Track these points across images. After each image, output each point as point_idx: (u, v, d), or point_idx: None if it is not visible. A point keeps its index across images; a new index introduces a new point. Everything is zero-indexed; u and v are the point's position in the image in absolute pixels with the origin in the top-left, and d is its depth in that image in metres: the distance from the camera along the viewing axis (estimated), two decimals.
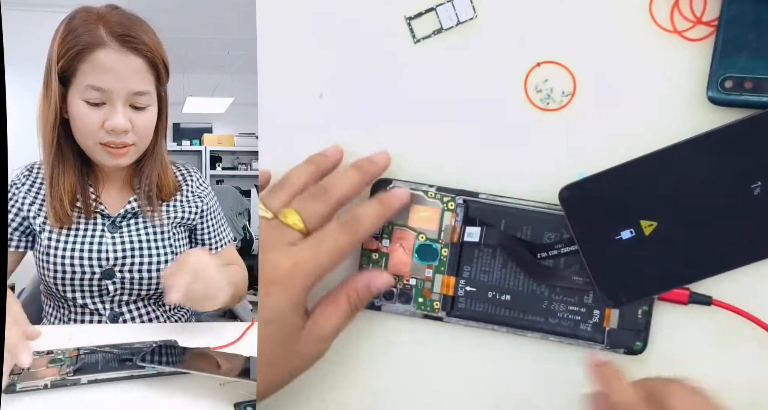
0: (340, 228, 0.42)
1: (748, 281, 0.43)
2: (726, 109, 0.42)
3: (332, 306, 0.43)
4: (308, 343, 0.42)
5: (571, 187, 0.43)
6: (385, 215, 0.44)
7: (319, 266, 0.41)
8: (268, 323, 0.40)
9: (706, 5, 0.43)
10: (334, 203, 0.43)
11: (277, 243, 0.41)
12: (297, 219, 0.42)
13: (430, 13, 0.45)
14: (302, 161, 0.45)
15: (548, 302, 0.44)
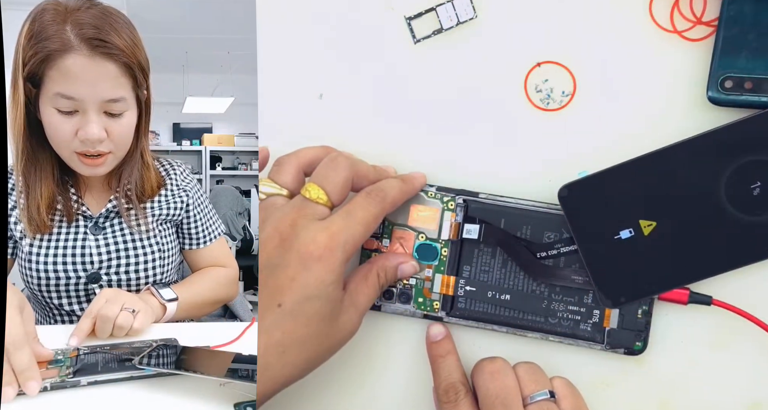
0: (368, 198, 0.42)
1: (748, 281, 0.43)
2: (726, 109, 0.42)
3: (363, 282, 0.43)
4: (348, 316, 0.41)
5: (571, 186, 0.43)
6: (407, 191, 0.44)
7: (354, 237, 0.40)
8: (311, 298, 0.39)
9: (706, 5, 0.43)
10: (350, 173, 0.42)
11: (305, 219, 0.40)
12: (321, 193, 0.41)
13: (430, 13, 0.45)
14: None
15: (548, 302, 0.44)
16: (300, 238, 0.39)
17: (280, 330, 0.39)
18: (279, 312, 0.39)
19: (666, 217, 0.41)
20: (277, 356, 0.39)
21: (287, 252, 0.39)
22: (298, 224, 0.40)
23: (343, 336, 0.42)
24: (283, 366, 0.40)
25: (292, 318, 0.39)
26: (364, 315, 0.43)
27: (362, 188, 0.43)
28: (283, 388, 0.41)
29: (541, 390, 0.41)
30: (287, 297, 0.39)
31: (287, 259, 0.39)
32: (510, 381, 0.42)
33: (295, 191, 0.43)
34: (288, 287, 0.39)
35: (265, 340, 0.39)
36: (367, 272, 0.43)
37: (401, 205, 0.44)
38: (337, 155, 0.43)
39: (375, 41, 0.46)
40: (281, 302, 0.39)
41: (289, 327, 0.39)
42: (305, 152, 0.44)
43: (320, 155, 0.43)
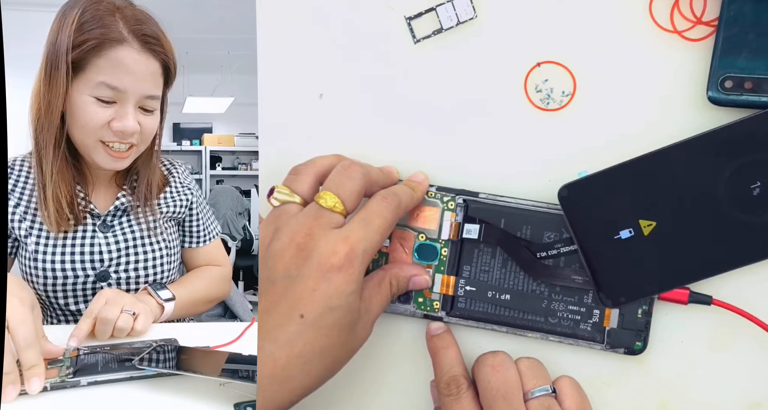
0: (382, 203, 0.41)
1: (748, 281, 0.43)
2: (726, 109, 0.42)
3: (376, 290, 0.43)
4: (365, 326, 0.41)
5: (570, 186, 0.43)
6: (417, 198, 0.44)
7: (372, 246, 0.40)
8: (333, 308, 0.38)
9: (706, 5, 0.43)
10: (365, 182, 0.42)
11: (323, 229, 0.40)
12: (337, 201, 0.41)
13: (430, 13, 0.45)
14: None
15: (548, 302, 0.44)
16: (319, 248, 0.39)
17: (303, 340, 0.38)
18: (301, 322, 0.38)
19: (666, 217, 0.41)
20: (299, 367, 0.38)
21: (306, 262, 0.39)
22: (316, 233, 0.39)
23: (359, 344, 0.42)
24: (304, 377, 0.39)
25: (315, 328, 0.38)
26: (375, 323, 0.43)
27: (373, 193, 0.43)
28: (301, 399, 0.41)
29: (542, 386, 0.41)
30: (309, 308, 0.38)
31: (307, 269, 0.39)
32: (512, 375, 0.42)
33: (308, 200, 0.42)
34: (309, 297, 0.38)
35: (288, 352, 0.38)
36: (380, 280, 0.43)
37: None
38: (350, 163, 0.43)
39: (375, 41, 0.46)
40: (303, 313, 0.38)
41: (310, 337, 0.38)
42: (321, 161, 0.44)
43: (334, 163, 0.43)
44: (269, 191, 0.43)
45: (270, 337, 0.38)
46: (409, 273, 0.44)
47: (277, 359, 0.38)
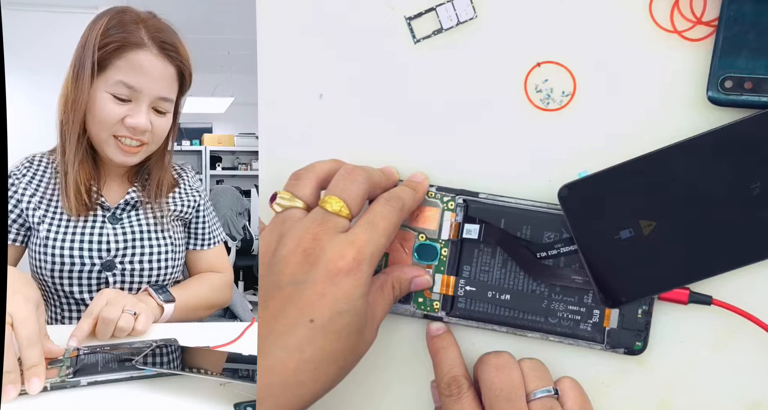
0: (387, 206, 0.41)
1: (748, 281, 0.43)
2: (726, 109, 0.42)
3: (380, 293, 0.43)
4: (369, 328, 0.41)
5: (570, 186, 0.43)
6: (419, 199, 0.44)
7: (378, 249, 0.40)
8: (342, 313, 0.38)
9: (706, 5, 0.43)
10: (368, 185, 0.42)
11: (329, 233, 0.39)
12: (342, 205, 0.40)
13: (430, 13, 0.45)
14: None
15: (548, 302, 0.44)
16: (327, 253, 0.39)
17: (313, 345, 0.38)
18: (311, 327, 0.38)
19: (666, 217, 0.41)
20: (309, 373, 0.38)
21: (313, 267, 0.39)
22: (322, 238, 0.39)
23: (365, 349, 0.41)
24: (314, 382, 0.39)
25: (324, 333, 0.38)
26: (379, 326, 0.43)
27: (375, 196, 0.43)
28: (309, 406, 0.40)
29: (544, 387, 0.41)
30: (318, 313, 0.38)
31: (314, 274, 0.38)
32: (516, 376, 0.42)
33: (311, 205, 0.42)
34: (318, 302, 0.38)
35: (297, 357, 0.38)
36: (383, 284, 0.43)
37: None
38: (353, 167, 0.43)
39: (375, 41, 0.46)
40: (313, 317, 0.38)
41: (320, 342, 0.38)
42: (321, 166, 0.43)
43: (334, 167, 0.43)
44: (271, 196, 0.43)
45: (278, 343, 0.38)
46: (410, 275, 0.45)
47: (288, 365, 0.38)
